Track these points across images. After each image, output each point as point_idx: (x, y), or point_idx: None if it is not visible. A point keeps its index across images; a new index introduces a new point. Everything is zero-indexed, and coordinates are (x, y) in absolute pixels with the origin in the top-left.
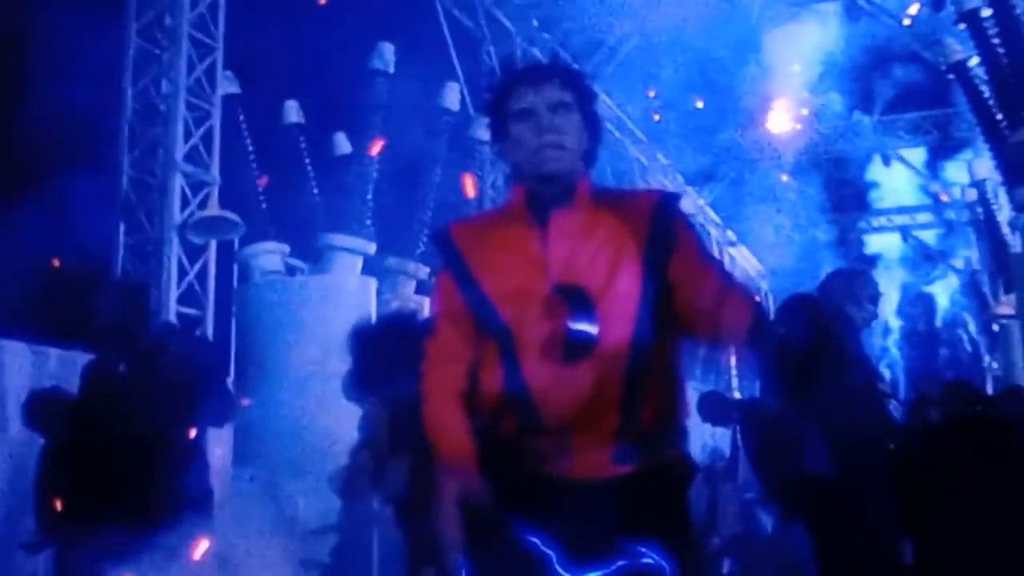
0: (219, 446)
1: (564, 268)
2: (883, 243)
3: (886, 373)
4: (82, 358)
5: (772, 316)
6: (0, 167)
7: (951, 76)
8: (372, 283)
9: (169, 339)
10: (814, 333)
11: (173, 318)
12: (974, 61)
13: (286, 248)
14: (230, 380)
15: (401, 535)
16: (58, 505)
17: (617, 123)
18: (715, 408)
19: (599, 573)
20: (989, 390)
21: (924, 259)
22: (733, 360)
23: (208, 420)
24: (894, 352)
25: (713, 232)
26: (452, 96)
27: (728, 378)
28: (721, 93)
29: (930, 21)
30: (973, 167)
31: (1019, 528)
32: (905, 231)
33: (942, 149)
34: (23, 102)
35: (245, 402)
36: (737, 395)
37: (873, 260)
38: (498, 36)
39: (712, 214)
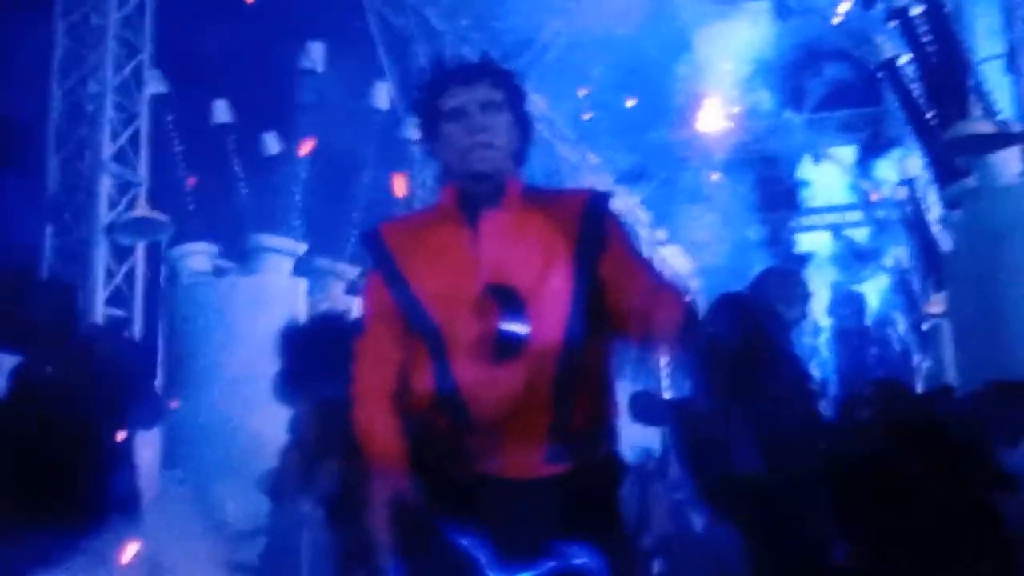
0: (147, 448)
1: (494, 268)
2: (814, 242)
3: (816, 372)
4: (9, 360)
5: (703, 315)
6: None
7: (881, 74)
8: (302, 284)
9: (96, 341)
10: (745, 332)
11: (100, 319)
12: (904, 59)
13: (215, 249)
14: (158, 382)
15: (331, 537)
16: None
17: (547, 122)
18: (646, 408)
19: (530, 574)
20: (919, 389)
21: (854, 258)
22: (664, 360)
23: (136, 422)
24: (824, 351)
25: (644, 232)
26: (381, 95)
27: (659, 378)
28: (652, 92)
29: (860, 19)
30: (903, 165)
31: (949, 526)
32: (836, 229)
33: (872, 147)
34: None
35: (174, 404)
36: (668, 395)
37: (804, 259)
38: (428, 35)
39: (643, 213)
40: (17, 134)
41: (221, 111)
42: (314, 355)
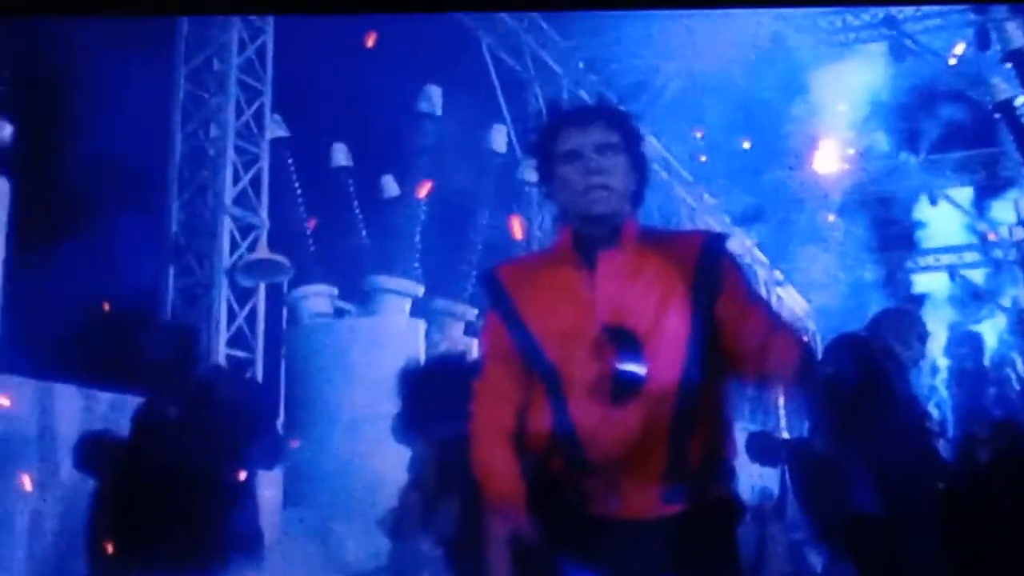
0: (269, 488)
1: (611, 309)
2: (930, 282)
3: (934, 412)
4: (132, 401)
5: (820, 356)
6: (51, 210)
7: (997, 115)
8: (420, 325)
9: (218, 382)
10: (862, 373)
11: (222, 361)
12: (1020, 100)
13: (335, 290)
14: (279, 422)
15: None
16: (108, 548)
17: (664, 164)
18: (763, 448)
19: None
20: None
21: (972, 298)
22: (781, 400)
23: (258, 462)
24: (942, 391)
25: (760, 272)
26: (499, 138)
27: (776, 418)
28: (767, 133)
29: (976, 60)
30: (1020, 205)
31: None
32: (952, 270)
33: (989, 188)
34: (73, 145)
35: (295, 444)
36: (785, 435)
37: (920, 299)
38: (545, 78)
39: (759, 254)
40: (140, 178)
41: (340, 154)
42: (433, 396)
